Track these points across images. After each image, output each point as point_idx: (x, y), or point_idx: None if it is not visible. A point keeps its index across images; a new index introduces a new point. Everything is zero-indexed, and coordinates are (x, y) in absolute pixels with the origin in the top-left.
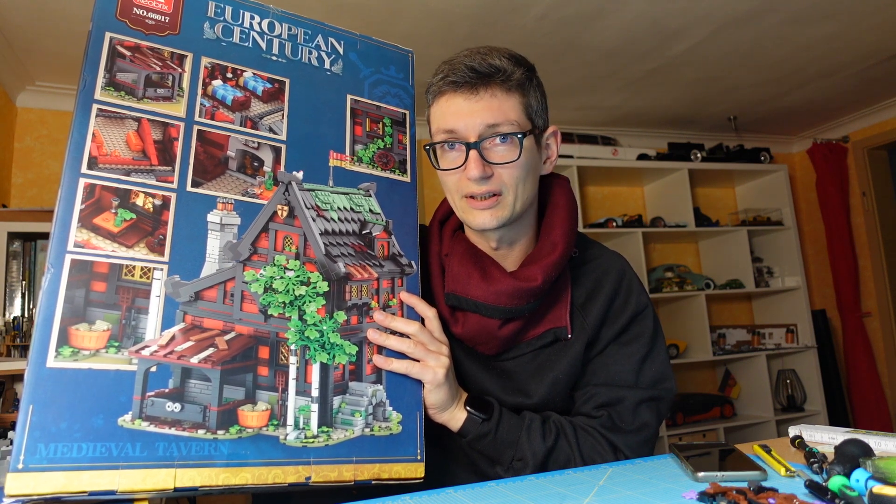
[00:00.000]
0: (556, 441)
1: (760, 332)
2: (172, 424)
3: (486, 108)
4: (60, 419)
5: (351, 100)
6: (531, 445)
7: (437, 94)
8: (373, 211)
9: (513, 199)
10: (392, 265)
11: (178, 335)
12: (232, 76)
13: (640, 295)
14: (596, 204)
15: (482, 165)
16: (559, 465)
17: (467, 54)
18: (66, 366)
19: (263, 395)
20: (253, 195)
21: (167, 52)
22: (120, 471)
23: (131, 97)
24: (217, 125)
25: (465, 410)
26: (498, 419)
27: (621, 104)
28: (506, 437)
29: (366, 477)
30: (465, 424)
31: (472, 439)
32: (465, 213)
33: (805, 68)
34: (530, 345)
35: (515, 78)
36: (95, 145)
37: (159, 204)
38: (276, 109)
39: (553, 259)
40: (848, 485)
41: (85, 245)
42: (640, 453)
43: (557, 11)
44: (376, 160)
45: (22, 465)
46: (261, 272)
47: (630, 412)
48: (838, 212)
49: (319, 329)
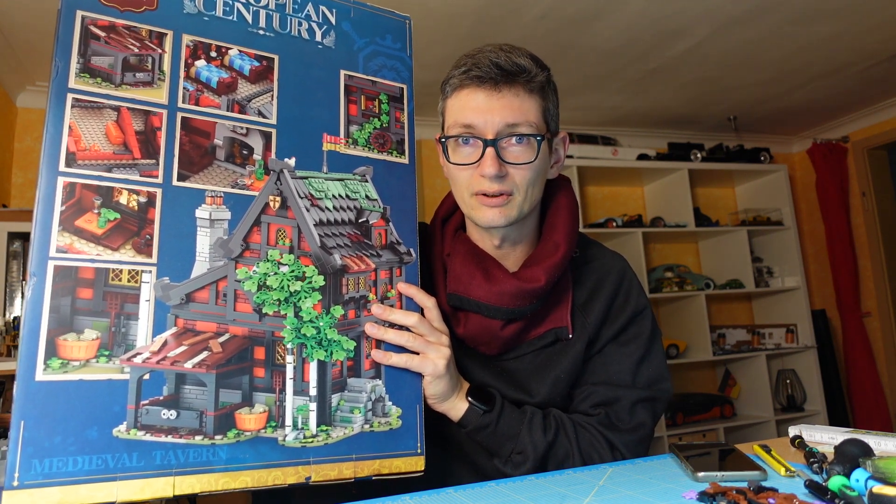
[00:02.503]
0: (556, 436)
1: (760, 332)
2: (169, 432)
3: (507, 107)
4: (54, 433)
5: (345, 76)
6: (532, 439)
7: (458, 87)
8: (369, 197)
9: (522, 200)
10: (390, 254)
11: (171, 340)
12: (216, 55)
13: (639, 296)
14: (596, 204)
15: (498, 164)
16: (558, 460)
17: (492, 50)
18: (56, 378)
19: (260, 396)
20: (243, 186)
21: (145, 30)
22: (118, 482)
23: (109, 84)
24: (202, 111)
25: (466, 401)
26: (500, 411)
27: (621, 104)
28: (506, 429)
29: (366, 473)
30: (466, 415)
31: (472, 430)
32: (473, 209)
33: (805, 68)
34: (532, 345)
35: (538, 80)
36: (73, 140)
37: (144, 201)
38: (265, 90)
39: (556, 260)
40: (848, 485)
41: (68, 249)
42: (636, 452)
43: (557, 11)
44: (372, 142)
45: (17, 482)
46: (254, 269)
47: (626, 411)
48: (838, 212)
49: (316, 326)
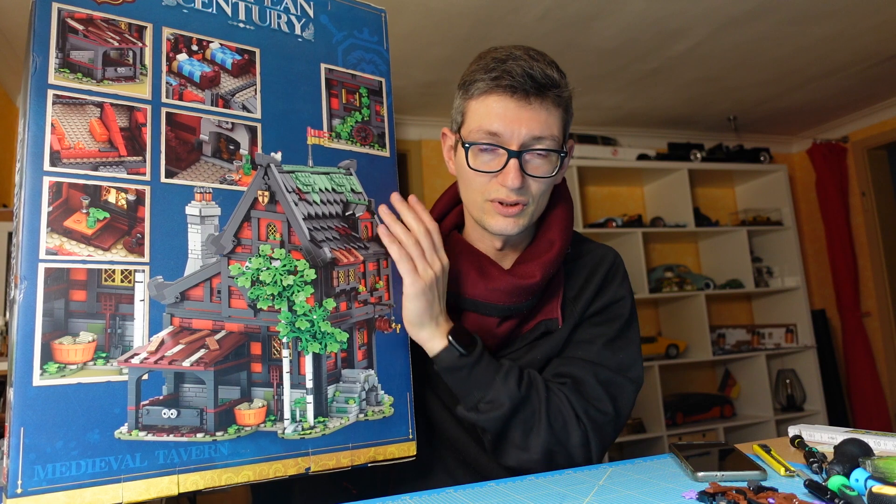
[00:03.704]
0: (528, 391)
1: (760, 332)
2: (170, 431)
3: (535, 119)
4: (55, 438)
5: (325, 69)
6: (507, 389)
7: (486, 91)
8: (354, 190)
9: (534, 210)
10: (377, 246)
11: (168, 339)
12: (198, 48)
13: (621, 283)
14: (596, 204)
15: (521, 177)
16: (525, 417)
17: (523, 58)
18: (54, 383)
19: (259, 391)
20: (231, 181)
21: (124, 23)
22: (122, 483)
23: (90, 79)
24: (187, 106)
25: (446, 339)
26: (477, 358)
27: (621, 104)
28: (480, 377)
29: (362, 461)
30: (442, 353)
31: (444, 369)
32: (486, 214)
33: (805, 68)
34: (524, 339)
35: (566, 95)
36: (56, 138)
37: (133, 199)
38: (248, 84)
39: (551, 256)
40: (847, 484)
41: (58, 251)
42: (600, 432)
43: (557, 11)
44: (355, 135)
45: (20, 489)
46: (246, 265)
47: (589, 385)
48: (838, 212)
49: (310, 319)
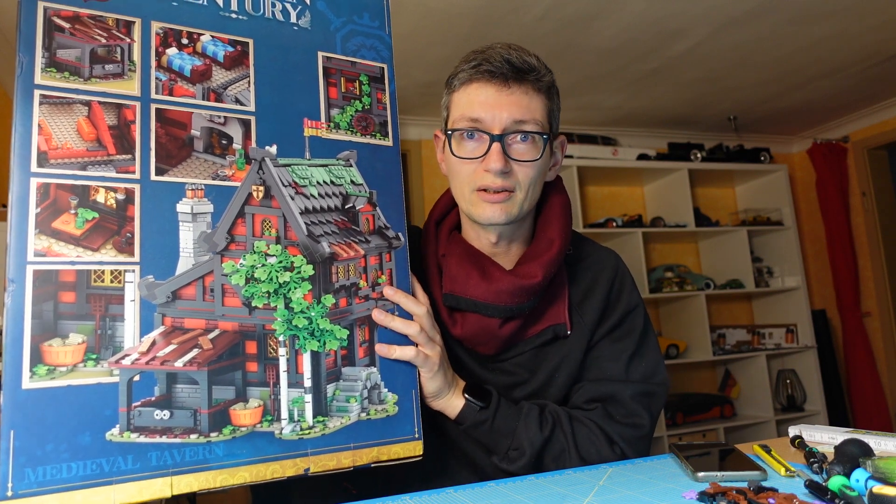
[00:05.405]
0: (552, 431)
1: (760, 332)
2: (163, 432)
3: (516, 104)
4: (45, 441)
5: (323, 57)
6: (528, 434)
7: (467, 81)
8: (354, 182)
9: (522, 198)
10: (379, 239)
11: (159, 339)
12: (188, 42)
13: (631, 292)
14: (596, 204)
15: (504, 159)
16: (554, 455)
17: (502, 47)
18: (44, 385)
19: (255, 391)
20: (224, 177)
21: (111, 19)
22: (114, 486)
23: (77, 78)
24: (177, 101)
25: (463, 398)
26: (496, 407)
27: (621, 104)
28: (503, 425)
29: (365, 461)
30: (463, 411)
31: (468, 427)
32: (473, 205)
33: (805, 68)
34: (530, 343)
35: (546, 80)
36: (43, 138)
37: (122, 198)
38: (241, 76)
39: (551, 255)
40: (848, 485)
41: (46, 253)
42: (636, 448)
43: (557, 11)
44: (355, 124)
45: (11, 492)
46: (240, 262)
47: (622, 405)
48: (838, 212)
49: (308, 316)
